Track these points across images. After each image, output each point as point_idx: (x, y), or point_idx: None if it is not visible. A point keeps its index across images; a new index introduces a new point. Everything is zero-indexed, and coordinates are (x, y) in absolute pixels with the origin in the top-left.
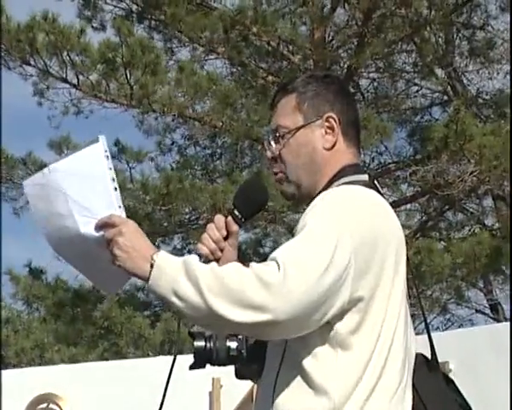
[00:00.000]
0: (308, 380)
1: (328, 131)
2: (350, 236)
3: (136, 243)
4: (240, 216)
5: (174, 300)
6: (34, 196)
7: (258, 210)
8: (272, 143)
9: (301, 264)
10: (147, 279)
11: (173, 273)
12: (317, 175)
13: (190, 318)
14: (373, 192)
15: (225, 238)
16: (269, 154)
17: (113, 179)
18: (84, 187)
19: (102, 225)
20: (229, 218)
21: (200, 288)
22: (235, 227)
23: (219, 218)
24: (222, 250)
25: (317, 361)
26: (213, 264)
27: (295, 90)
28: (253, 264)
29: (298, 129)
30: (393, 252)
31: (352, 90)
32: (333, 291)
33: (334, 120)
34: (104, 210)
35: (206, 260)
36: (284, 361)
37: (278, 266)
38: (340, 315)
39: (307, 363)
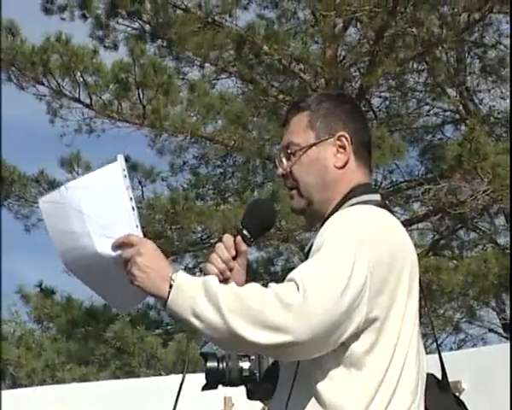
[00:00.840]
0: (321, 400)
1: (340, 149)
2: (366, 256)
3: (155, 263)
4: (249, 236)
5: (193, 320)
6: (50, 214)
7: (266, 230)
8: (284, 160)
9: (320, 284)
10: (166, 299)
11: (192, 293)
12: (328, 193)
13: (210, 338)
14: (386, 212)
15: (234, 258)
16: (280, 170)
17: (131, 199)
18: (101, 206)
19: (120, 245)
20: (238, 238)
21: (220, 308)
22: (244, 247)
23: (228, 237)
24: (231, 270)
25: (331, 381)
26: (232, 284)
27: (308, 107)
28: (272, 284)
29: (310, 147)
30: (408, 272)
31: (363, 108)
32: (350, 311)
33: (346, 139)
34: (121, 229)
35: None
36: (297, 382)
37: (297, 286)
38: (355, 335)
39: (320, 383)
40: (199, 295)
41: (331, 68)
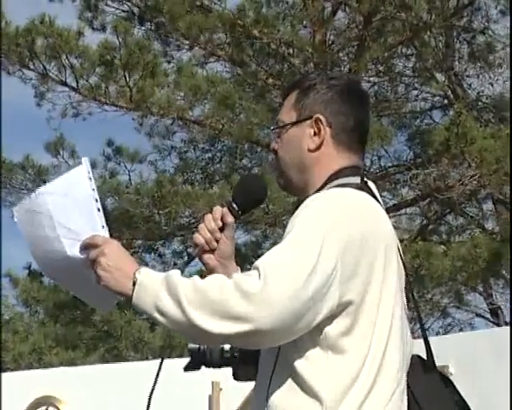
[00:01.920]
0: (300, 383)
1: (317, 132)
2: (336, 240)
3: (119, 262)
4: (237, 209)
5: (157, 316)
6: (23, 222)
7: (255, 204)
8: (275, 136)
9: (283, 271)
10: (130, 297)
11: (155, 289)
12: (306, 174)
13: (176, 331)
14: (363, 194)
15: (221, 230)
16: (271, 146)
17: (97, 200)
18: (68, 209)
19: (86, 246)
20: (225, 209)
21: (180, 301)
22: (230, 219)
23: (217, 209)
24: (218, 241)
25: (309, 364)
26: (195, 277)
27: (299, 86)
28: (234, 274)
29: (290, 125)
30: (382, 255)
31: None
32: (318, 297)
33: (321, 123)
34: (89, 231)
35: (201, 251)
36: (278, 364)
37: (259, 274)
38: (329, 319)
39: (299, 366)
40: (161, 291)
41: (320, 53)
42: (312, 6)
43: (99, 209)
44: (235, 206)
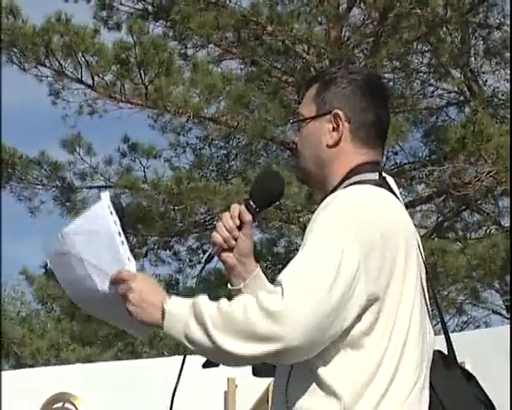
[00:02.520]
0: (318, 381)
1: (336, 127)
2: (357, 240)
3: (146, 295)
4: (254, 206)
5: (187, 343)
6: (56, 265)
7: (273, 201)
8: (296, 129)
9: (305, 284)
10: (161, 327)
11: (183, 318)
12: (324, 170)
13: (207, 357)
14: (381, 191)
15: (239, 228)
16: (292, 139)
17: (119, 233)
18: (94, 246)
19: (114, 282)
20: (242, 206)
21: (206, 326)
22: (248, 217)
23: (234, 207)
24: (236, 239)
25: (327, 362)
26: (223, 300)
27: (320, 80)
28: (258, 293)
29: (310, 119)
30: (403, 250)
31: None
32: (343, 304)
33: (340, 118)
34: (115, 266)
35: (220, 250)
36: (295, 363)
37: (282, 290)
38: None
39: (317, 364)
40: (189, 319)
41: (335, 49)
42: (328, 2)
43: (123, 242)
44: (252, 203)
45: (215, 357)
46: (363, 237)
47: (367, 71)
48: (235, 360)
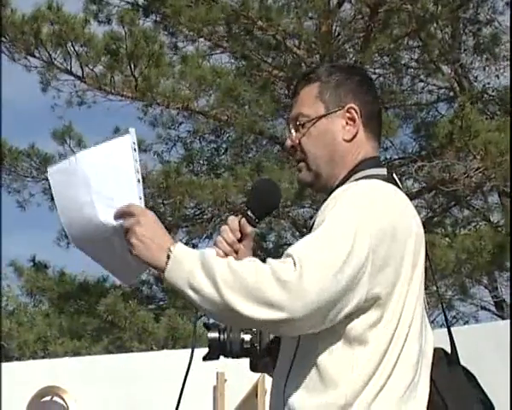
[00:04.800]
0: (321, 375)
1: (350, 122)
2: (368, 232)
3: (154, 233)
4: (253, 217)
5: (189, 292)
6: (57, 183)
7: (271, 210)
8: (293, 131)
9: (318, 261)
10: (163, 270)
11: (190, 266)
12: (337, 165)
13: (205, 311)
14: (392, 187)
15: (240, 240)
16: (288, 142)
17: (138, 171)
18: (108, 177)
19: (121, 215)
20: (243, 220)
21: (217, 282)
22: (249, 229)
23: (233, 220)
24: (237, 252)
25: (332, 356)
26: (230, 258)
27: (318, 79)
28: (270, 260)
29: (319, 118)
30: (412, 247)
31: None
32: (349, 289)
33: (356, 112)
34: (125, 200)
35: None
36: (297, 356)
37: (294, 263)
38: (357, 312)
39: (321, 358)
40: (196, 268)
41: (325, 44)
42: None
43: (139, 181)
44: (251, 214)
45: (217, 312)
46: (374, 231)
47: (355, 65)
48: (237, 320)
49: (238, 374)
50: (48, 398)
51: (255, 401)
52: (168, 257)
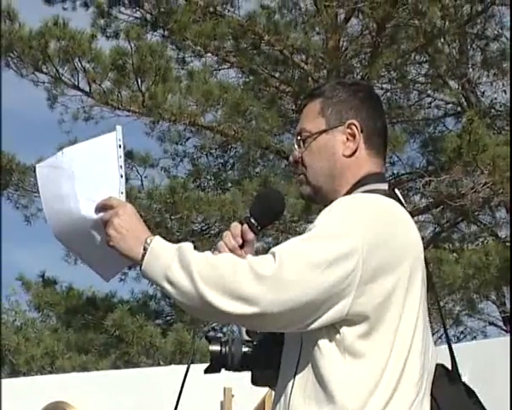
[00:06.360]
0: (322, 388)
1: (350, 138)
2: (361, 242)
3: (132, 225)
4: (256, 224)
5: (166, 285)
6: (44, 178)
7: (274, 219)
8: (296, 146)
9: (299, 260)
10: (140, 262)
11: (167, 259)
12: (337, 181)
13: (181, 304)
14: (391, 201)
15: (241, 246)
16: (291, 157)
17: (121, 167)
18: (92, 171)
19: (101, 208)
20: (245, 226)
21: (193, 275)
22: (250, 235)
23: (235, 226)
24: None
25: (329, 369)
26: (207, 252)
27: (321, 95)
28: (249, 256)
29: (320, 133)
30: (410, 262)
31: None
32: (333, 293)
33: (356, 128)
34: (107, 194)
35: None
36: (299, 368)
37: (274, 257)
38: (346, 320)
39: (320, 370)
40: (173, 261)
41: (333, 59)
42: (326, 12)
43: (122, 176)
44: (254, 221)
45: (192, 306)
46: (366, 241)
47: (362, 82)
48: (212, 314)
49: (245, 389)
50: None
51: None
52: (145, 249)
